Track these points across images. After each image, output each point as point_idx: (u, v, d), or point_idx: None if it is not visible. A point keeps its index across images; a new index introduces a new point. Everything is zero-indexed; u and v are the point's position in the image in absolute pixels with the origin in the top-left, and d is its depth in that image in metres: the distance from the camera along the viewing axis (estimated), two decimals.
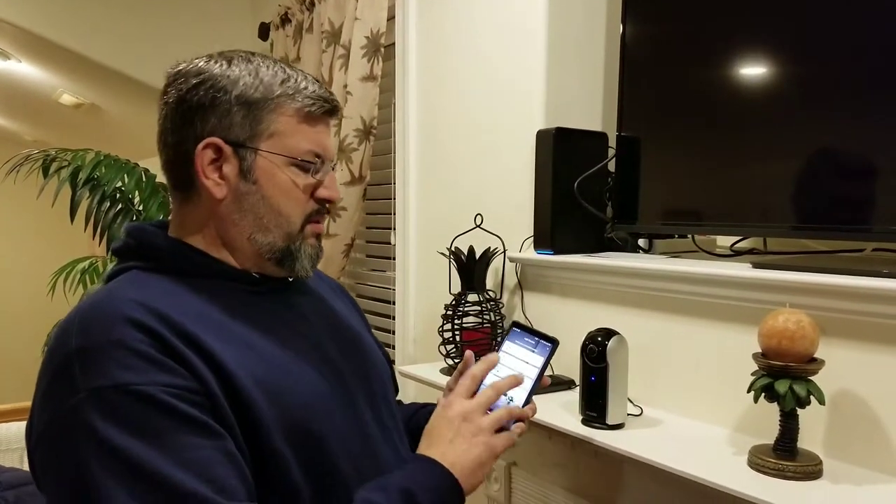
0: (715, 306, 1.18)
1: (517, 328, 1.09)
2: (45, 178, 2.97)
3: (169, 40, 3.04)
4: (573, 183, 1.45)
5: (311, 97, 0.93)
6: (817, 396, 0.94)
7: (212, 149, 0.90)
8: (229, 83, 0.90)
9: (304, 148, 0.93)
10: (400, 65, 2.05)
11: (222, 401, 0.80)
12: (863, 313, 0.98)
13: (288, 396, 0.86)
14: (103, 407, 0.74)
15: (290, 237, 0.94)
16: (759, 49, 1.19)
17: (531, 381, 1.03)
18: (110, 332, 0.78)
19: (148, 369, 0.76)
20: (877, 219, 1.05)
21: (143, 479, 0.72)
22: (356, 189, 2.15)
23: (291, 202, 0.93)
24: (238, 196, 0.91)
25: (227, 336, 0.85)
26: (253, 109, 0.90)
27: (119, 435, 0.73)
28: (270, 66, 0.93)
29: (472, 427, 0.92)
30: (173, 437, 0.74)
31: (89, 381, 0.75)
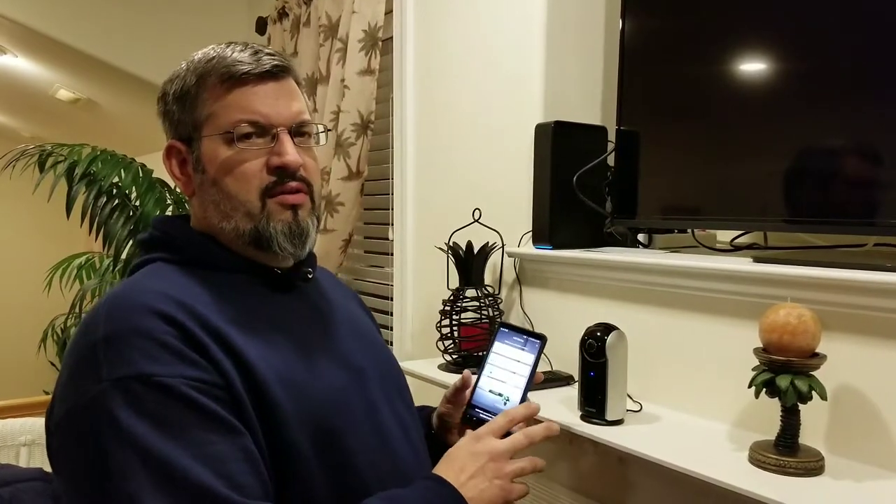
0: (715, 301, 1.17)
1: (504, 328, 1.09)
2: (42, 173, 2.96)
3: (166, 35, 3.02)
4: (572, 177, 1.44)
5: (231, 63, 0.87)
6: (819, 392, 0.93)
7: (174, 153, 0.92)
8: (170, 85, 0.92)
9: (232, 118, 0.87)
10: (398, 59, 2.03)
11: (244, 396, 0.79)
12: (865, 308, 0.97)
13: (308, 392, 0.85)
14: (126, 397, 0.74)
15: (252, 217, 0.89)
16: (757, 44, 1.18)
17: (524, 379, 1.03)
18: (137, 323, 0.78)
19: (173, 361, 0.76)
20: (877, 212, 1.04)
21: (160, 470, 0.72)
22: (354, 184, 2.14)
23: (239, 180, 0.88)
24: (199, 189, 0.92)
25: (249, 331, 0.85)
26: (186, 100, 0.90)
27: (140, 425, 0.73)
28: (206, 50, 0.92)
29: (495, 468, 0.89)
30: (192, 431, 0.74)
31: (114, 370, 0.75)
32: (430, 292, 1.94)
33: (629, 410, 1.20)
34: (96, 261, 3.58)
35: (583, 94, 1.60)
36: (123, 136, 4.48)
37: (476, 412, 1.05)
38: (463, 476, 0.87)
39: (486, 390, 1.05)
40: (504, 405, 1.02)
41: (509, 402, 1.02)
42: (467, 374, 1.07)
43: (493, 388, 1.05)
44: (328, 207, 2.16)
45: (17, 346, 5.04)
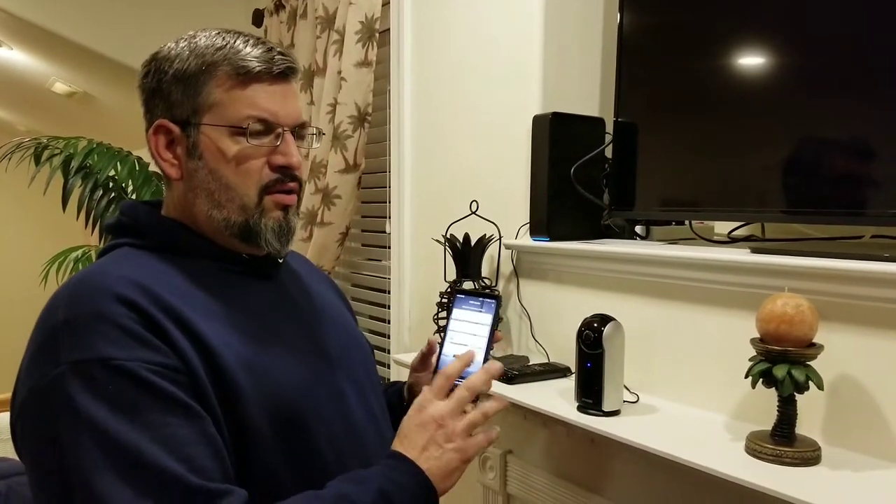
0: (713, 292, 1.17)
1: (461, 294, 1.10)
2: (37, 166, 2.95)
3: (162, 27, 3.01)
4: (570, 169, 1.44)
5: (247, 59, 0.88)
6: (816, 382, 0.93)
7: (163, 132, 0.90)
8: (167, 63, 0.89)
9: (243, 113, 0.88)
10: (395, 51, 2.03)
11: (205, 380, 0.79)
12: (863, 297, 0.97)
13: (272, 377, 0.85)
14: (84, 380, 0.73)
15: (246, 211, 0.90)
16: (755, 36, 1.17)
17: (485, 339, 1.03)
18: (97, 306, 0.77)
19: (132, 345, 0.76)
20: (873, 203, 1.04)
21: (118, 453, 0.72)
22: (351, 177, 2.13)
23: (240, 173, 0.89)
24: (190, 174, 0.90)
25: (213, 315, 0.84)
26: (189, 83, 0.88)
27: (97, 408, 0.72)
28: (211, 36, 0.90)
29: (445, 434, 0.88)
30: (151, 414, 0.74)
31: (72, 353, 0.75)
32: (427, 285, 1.94)
33: (626, 401, 1.20)
34: (92, 254, 3.57)
35: (581, 85, 1.60)
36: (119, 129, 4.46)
37: None
38: (415, 451, 0.86)
39: (451, 355, 1.06)
40: (470, 366, 1.02)
41: (473, 363, 1.02)
42: (432, 340, 1.08)
43: (457, 352, 1.05)
44: (325, 200, 2.16)
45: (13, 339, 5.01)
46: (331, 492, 0.81)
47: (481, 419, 0.90)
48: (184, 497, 0.72)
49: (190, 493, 0.72)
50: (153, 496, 0.71)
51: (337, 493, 0.80)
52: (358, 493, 0.80)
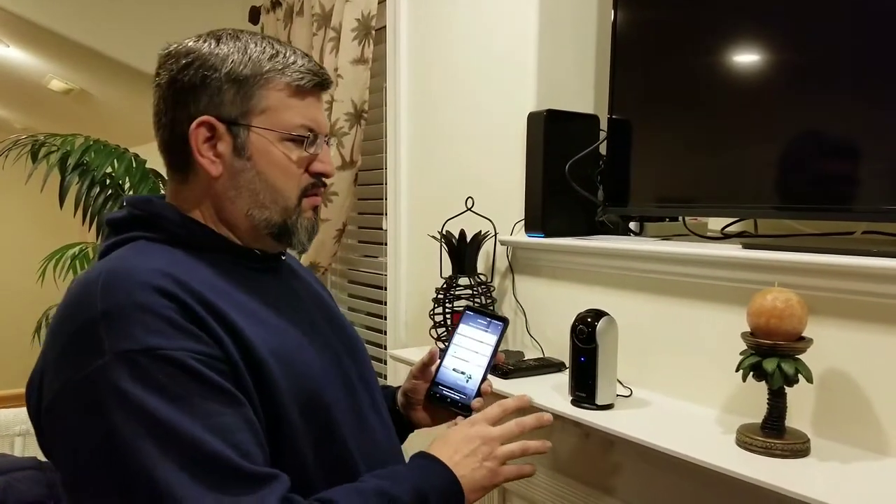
0: (705, 287, 1.18)
1: (470, 311, 1.14)
2: (34, 163, 2.95)
3: (159, 24, 3.01)
4: (564, 166, 1.45)
5: (301, 71, 0.92)
6: (805, 375, 0.95)
7: (205, 127, 0.90)
8: (218, 61, 0.90)
9: (296, 122, 0.92)
10: (391, 48, 2.04)
11: (243, 369, 0.82)
12: (852, 292, 0.99)
13: (299, 368, 0.88)
14: (132, 370, 0.74)
15: (287, 212, 0.94)
16: (747, 34, 1.19)
17: (486, 358, 1.08)
18: (136, 297, 0.78)
19: (176, 335, 0.77)
20: (863, 200, 1.05)
21: (173, 439, 0.73)
22: (347, 174, 2.14)
23: (286, 177, 0.93)
24: (233, 173, 0.91)
25: (241, 308, 0.86)
26: (243, 86, 0.90)
27: (149, 397, 0.74)
28: (259, 42, 0.93)
29: (486, 451, 0.94)
30: (200, 402, 0.76)
31: (117, 343, 0.75)
32: (423, 281, 1.95)
33: (619, 395, 1.21)
34: (90, 251, 3.57)
35: (575, 83, 1.61)
36: (116, 126, 4.47)
37: (440, 389, 1.10)
38: (457, 456, 0.92)
39: (450, 369, 1.10)
40: (466, 382, 1.08)
41: (471, 379, 1.08)
42: (434, 350, 1.12)
43: (457, 366, 1.10)
44: (322, 197, 2.17)
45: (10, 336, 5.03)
46: (369, 486, 0.84)
47: (520, 453, 0.97)
48: (238, 482, 0.74)
49: (243, 477, 0.75)
50: (210, 482, 0.73)
51: (376, 487, 0.84)
52: (395, 489, 0.84)
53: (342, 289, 2.57)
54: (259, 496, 0.75)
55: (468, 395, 1.07)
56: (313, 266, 2.28)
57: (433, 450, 0.94)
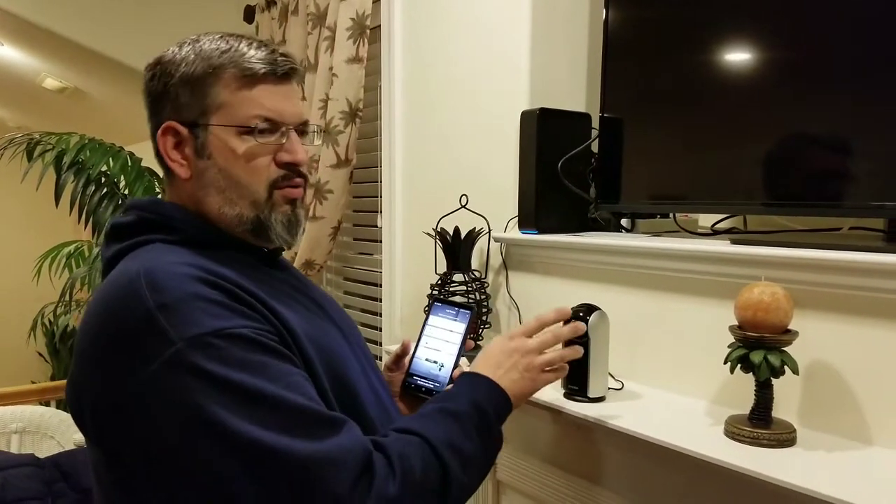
0: (694, 282, 1.21)
1: (438, 302, 1.18)
2: (30, 162, 2.96)
3: (154, 23, 3.02)
4: (557, 163, 1.47)
5: (250, 61, 0.92)
6: (791, 366, 0.97)
7: (171, 133, 0.94)
8: (174, 67, 0.93)
9: (251, 114, 0.92)
10: (385, 47, 2.05)
11: (290, 343, 0.87)
12: (836, 286, 1.01)
13: (327, 349, 0.93)
14: (207, 351, 0.78)
15: (257, 206, 0.94)
16: (738, 32, 1.21)
17: (456, 346, 1.13)
18: (186, 288, 0.81)
19: (232, 316, 0.82)
20: (851, 196, 1.08)
21: (261, 403, 0.78)
22: (342, 172, 2.16)
23: (249, 171, 0.93)
24: (199, 173, 0.94)
25: (271, 296, 0.90)
26: (196, 86, 0.92)
27: (230, 372, 0.78)
28: (215, 40, 0.94)
29: (525, 363, 1.02)
30: (274, 367, 0.81)
31: (183, 331, 0.78)
32: (418, 277, 1.97)
33: (611, 388, 1.23)
34: (85, 249, 3.58)
35: (568, 81, 1.63)
36: (111, 124, 4.46)
37: (414, 380, 1.14)
38: (500, 371, 1.00)
39: (423, 359, 1.15)
40: (439, 371, 1.13)
41: (444, 368, 1.13)
42: (407, 341, 1.17)
43: (429, 356, 1.15)
44: (317, 195, 2.19)
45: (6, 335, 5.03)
46: (429, 409, 0.93)
47: (558, 360, 1.05)
48: (330, 427, 0.81)
49: (327, 422, 0.81)
50: (311, 433, 0.79)
51: (439, 408, 0.92)
52: (453, 405, 0.92)
53: (338, 286, 2.59)
54: (348, 432, 0.81)
55: (441, 383, 1.11)
56: (309, 263, 2.30)
57: (477, 367, 1.01)
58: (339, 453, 0.78)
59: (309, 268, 2.30)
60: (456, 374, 1.10)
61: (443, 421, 0.90)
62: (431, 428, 0.88)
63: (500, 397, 0.97)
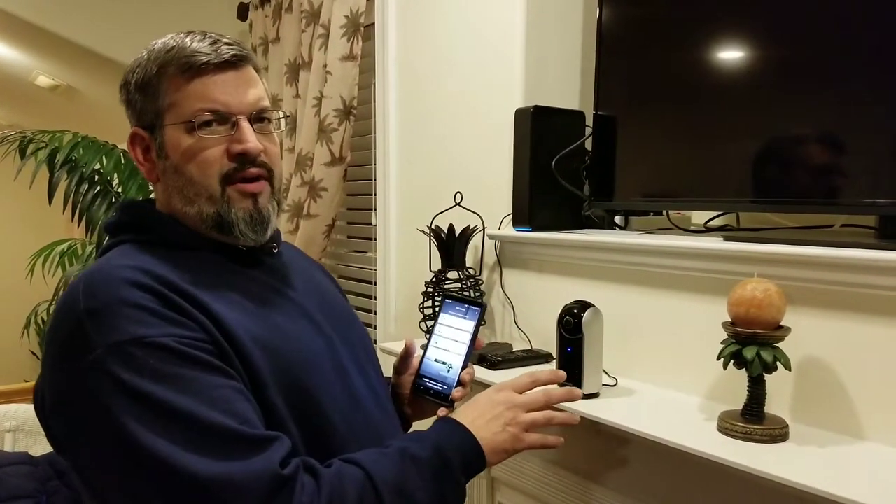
0: (687, 279, 1.21)
1: (449, 300, 1.14)
2: (22, 160, 2.95)
3: (147, 20, 3.01)
4: (551, 161, 1.47)
5: (189, 54, 0.90)
6: (783, 362, 0.98)
7: (137, 139, 0.95)
8: (131, 74, 0.94)
9: (194, 107, 0.90)
10: (380, 45, 2.05)
11: (228, 350, 0.84)
12: (828, 282, 1.02)
13: (282, 353, 0.89)
14: (124, 359, 0.77)
15: (214, 201, 0.92)
16: (730, 30, 1.21)
17: (465, 346, 1.08)
18: (116, 293, 0.81)
19: (159, 324, 0.80)
20: (842, 193, 1.08)
21: (175, 419, 0.76)
22: (337, 169, 2.16)
23: (200, 166, 0.91)
24: (162, 175, 0.95)
25: (221, 299, 0.88)
26: (147, 89, 0.93)
27: (143, 382, 0.76)
28: (166, 38, 0.94)
29: (510, 417, 0.97)
30: (193, 380, 0.79)
31: (104, 337, 0.78)
32: (413, 275, 1.97)
33: (605, 385, 1.24)
34: (78, 247, 3.57)
35: (562, 79, 1.64)
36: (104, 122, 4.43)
37: (423, 381, 1.10)
38: (480, 420, 0.96)
39: (433, 360, 1.11)
40: (448, 372, 1.08)
41: (452, 369, 1.08)
42: (410, 342, 1.14)
43: (439, 357, 1.10)
44: (311, 193, 2.18)
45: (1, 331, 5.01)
46: (393, 448, 0.89)
47: (544, 422, 1.00)
48: (243, 446, 0.77)
49: (246, 442, 0.78)
50: (217, 451, 0.76)
51: (398, 448, 0.88)
52: (416, 449, 0.88)
53: None
54: (266, 455, 0.78)
55: (449, 385, 1.07)
56: None
57: (457, 414, 0.98)
58: (245, 477, 0.75)
59: None
60: (464, 376, 1.08)
61: (398, 462, 0.86)
62: (382, 467, 0.84)
63: (471, 448, 0.92)
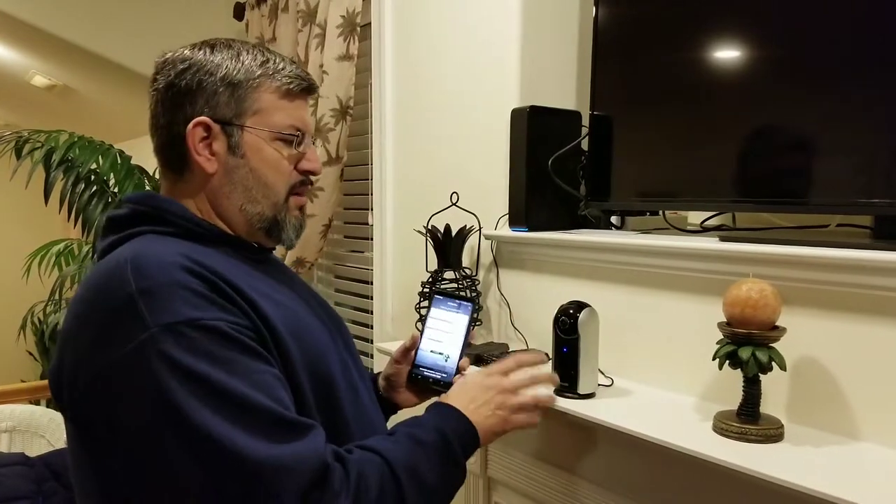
0: (683, 279, 1.21)
1: (439, 295, 1.21)
2: (18, 159, 2.94)
3: (143, 20, 3.00)
4: (547, 161, 1.47)
5: (290, 76, 1.00)
6: (779, 362, 0.98)
7: (202, 127, 0.97)
8: (213, 67, 0.97)
9: (286, 123, 1.00)
10: (376, 45, 2.05)
11: (267, 338, 0.89)
12: (823, 282, 1.02)
13: (308, 343, 0.95)
14: (178, 339, 0.80)
15: (277, 207, 1.01)
16: (727, 30, 1.21)
17: (461, 337, 1.16)
18: (170, 275, 0.84)
19: (211, 308, 0.84)
20: (837, 192, 1.08)
21: (223, 398, 0.80)
22: (333, 169, 2.16)
23: (277, 174, 1.00)
24: (228, 170, 0.99)
25: (253, 289, 0.92)
26: (237, 89, 0.97)
27: (196, 363, 0.80)
28: (251, 50, 1.01)
29: (500, 400, 1.04)
30: (241, 363, 0.83)
31: (159, 317, 0.81)
32: (409, 275, 1.97)
33: (601, 385, 1.24)
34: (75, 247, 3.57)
35: (557, 79, 1.64)
36: (101, 122, 4.44)
37: (421, 370, 1.18)
38: (472, 405, 1.02)
39: (428, 351, 1.18)
40: (445, 362, 1.16)
41: (450, 359, 1.16)
42: (416, 335, 1.20)
43: (434, 348, 1.18)
44: (308, 193, 2.18)
45: None
46: (400, 433, 0.95)
47: (531, 403, 1.07)
48: (286, 430, 0.82)
49: (289, 425, 0.82)
50: (262, 432, 0.80)
51: (406, 433, 0.95)
52: (421, 433, 0.94)
53: (329, 284, 2.59)
54: (308, 440, 0.83)
55: (448, 374, 1.15)
56: (300, 261, 2.30)
57: (450, 399, 1.03)
58: (293, 461, 0.80)
59: (300, 265, 2.30)
60: (462, 365, 1.15)
61: (408, 446, 0.92)
62: (395, 451, 0.90)
63: (468, 431, 0.99)
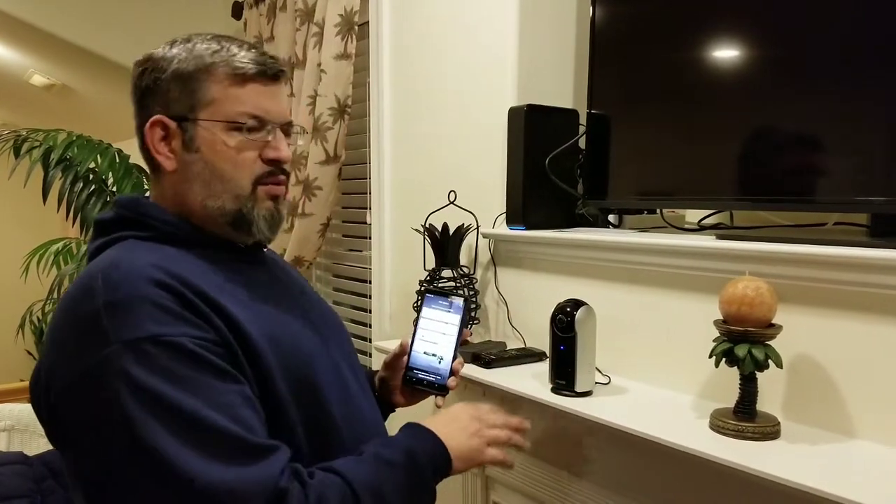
0: (680, 277, 1.22)
1: (430, 294, 1.18)
2: (17, 158, 2.94)
3: (141, 19, 3.00)
4: (545, 160, 1.48)
5: (241, 61, 0.96)
6: (775, 360, 0.98)
7: (158, 126, 0.96)
8: (166, 63, 0.96)
9: (239, 110, 0.95)
10: (374, 44, 2.05)
11: (238, 352, 0.87)
12: (820, 280, 1.02)
13: (287, 347, 0.93)
14: (138, 356, 0.79)
15: (240, 200, 0.96)
16: (724, 28, 1.21)
17: (453, 338, 1.13)
18: (137, 289, 0.83)
19: (176, 323, 0.83)
20: (834, 191, 1.09)
21: (182, 418, 0.78)
22: (331, 168, 2.16)
23: (235, 165, 0.96)
24: (185, 166, 0.96)
25: (230, 296, 0.91)
26: (187, 82, 0.95)
27: (156, 381, 0.79)
28: (206, 40, 0.98)
29: (476, 427, 1.03)
30: (203, 383, 0.81)
31: (122, 333, 0.80)
32: (407, 273, 1.97)
33: (598, 383, 1.24)
34: (73, 247, 3.56)
35: (555, 78, 1.64)
36: (99, 121, 4.43)
37: (415, 373, 1.15)
38: (448, 427, 1.01)
39: (421, 352, 1.15)
40: (439, 364, 1.13)
41: (443, 360, 1.13)
42: (405, 341, 1.18)
43: (427, 349, 1.15)
44: (306, 192, 2.18)
45: None
46: (367, 453, 0.92)
47: (504, 439, 1.06)
48: (243, 453, 0.80)
49: (248, 449, 0.81)
50: (218, 455, 0.79)
51: (372, 453, 0.92)
52: (389, 454, 0.93)
53: (327, 283, 2.59)
54: (264, 465, 0.81)
55: (443, 376, 1.12)
56: (298, 260, 2.30)
57: (427, 421, 1.02)
58: (245, 485, 0.78)
59: (298, 264, 2.30)
60: (456, 367, 1.13)
61: (373, 466, 0.90)
62: (358, 472, 0.89)
63: (440, 453, 0.98)
